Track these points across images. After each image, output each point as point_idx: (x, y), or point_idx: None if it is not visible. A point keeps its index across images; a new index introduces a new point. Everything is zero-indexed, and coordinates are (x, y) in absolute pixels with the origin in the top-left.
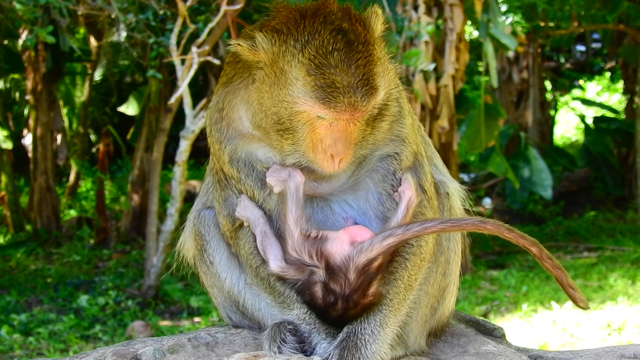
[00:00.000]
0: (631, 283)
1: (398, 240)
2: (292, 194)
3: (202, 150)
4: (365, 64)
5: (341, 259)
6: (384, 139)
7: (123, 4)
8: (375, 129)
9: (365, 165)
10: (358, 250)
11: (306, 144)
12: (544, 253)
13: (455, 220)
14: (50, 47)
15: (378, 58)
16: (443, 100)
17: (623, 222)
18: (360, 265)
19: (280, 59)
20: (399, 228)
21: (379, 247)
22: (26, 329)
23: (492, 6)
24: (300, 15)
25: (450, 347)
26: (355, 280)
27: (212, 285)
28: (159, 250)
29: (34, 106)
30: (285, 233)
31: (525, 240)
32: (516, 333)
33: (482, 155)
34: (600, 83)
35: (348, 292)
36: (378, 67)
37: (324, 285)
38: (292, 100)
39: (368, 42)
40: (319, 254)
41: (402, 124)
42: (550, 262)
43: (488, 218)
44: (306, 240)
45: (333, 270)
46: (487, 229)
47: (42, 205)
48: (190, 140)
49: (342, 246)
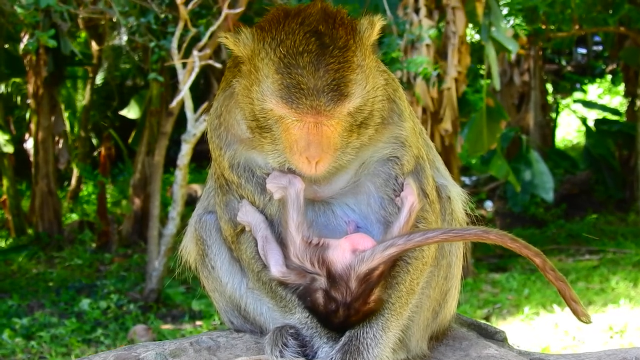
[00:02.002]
0: (633, 286)
1: (399, 250)
2: (293, 201)
3: (203, 154)
4: (338, 69)
5: (342, 267)
6: (382, 142)
7: (124, 7)
8: (361, 136)
9: (365, 169)
10: (359, 260)
11: (283, 145)
12: (548, 264)
13: (458, 230)
14: (51, 51)
15: (358, 65)
16: (446, 103)
17: (625, 224)
18: (361, 274)
19: (257, 56)
20: (400, 238)
21: (380, 257)
22: (28, 333)
23: (493, 9)
24: (283, 15)
25: (452, 351)
26: (356, 289)
27: (214, 290)
28: (161, 254)
29: (36, 110)
30: (287, 239)
31: (529, 250)
32: (518, 336)
33: (484, 158)
34: (602, 85)
35: (349, 300)
36: (354, 75)
37: (325, 293)
38: (261, 97)
39: (347, 48)
40: (321, 261)
41: (402, 127)
42: (553, 273)
43: (491, 227)
44: (308, 247)
45: (334, 278)
46: (490, 239)
47: (43, 209)
48: (192, 144)
49: (343, 254)
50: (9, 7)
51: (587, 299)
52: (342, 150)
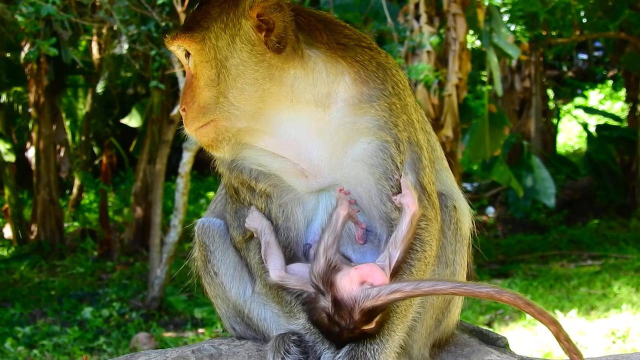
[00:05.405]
0: (635, 291)
1: (406, 297)
2: (333, 223)
3: (205, 162)
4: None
5: (348, 297)
6: (366, 126)
7: (125, 15)
8: (226, 95)
9: (350, 154)
10: (365, 295)
11: None
12: (562, 334)
13: (470, 285)
14: (52, 59)
15: (220, 25)
16: (447, 109)
17: (626, 230)
18: (365, 309)
19: None
20: (409, 284)
21: (385, 299)
22: (30, 342)
23: (494, 15)
24: None
25: (453, 357)
26: (359, 319)
27: (216, 296)
28: (163, 262)
29: (37, 119)
30: (312, 258)
31: (544, 317)
32: (520, 342)
33: (485, 164)
34: (603, 91)
35: (352, 327)
36: (213, 25)
37: (329, 317)
38: None
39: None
40: (329, 283)
41: (393, 113)
42: (567, 344)
43: (506, 288)
44: (328, 268)
45: (339, 305)
46: (503, 300)
47: (45, 218)
48: (193, 152)
49: (351, 285)
50: (9, 16)
51: (589, 305)
52: (210, 105)
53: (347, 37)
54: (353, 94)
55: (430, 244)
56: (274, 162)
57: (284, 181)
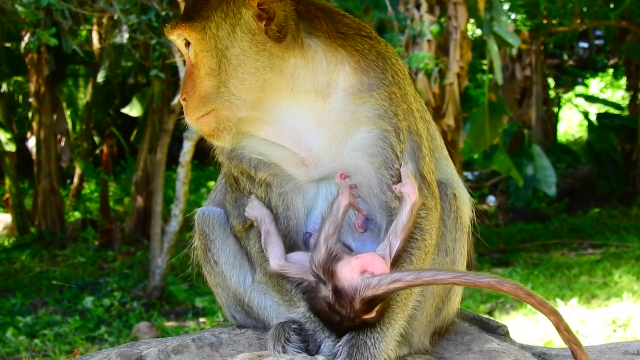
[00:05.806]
0: (636, 279)
1: (406, 286)
2: (334, 212)
3: (205, 151)
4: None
5: (348, 287)
6: (363, 115)
7: (125, 5)
8: (227, 84)
9: (350, 143)
10: (366, 284)
11: None
12: (562, 324)
13: (470, 275)
14: (52, 49)
15: (220, 14)
16: (448, 98)
17: (627, 218)
18: (366, 298)
19: None
20: (410, 273)
21: (386, 288)
22: (32, 331)
23: (495, 4)
24: None
25: (453, 346)
26: (360, 308)
27: (217, 285)
28: (164, 251)
29: (37, 109)
30: (313, 247)
31: (544, 307)
32: (521, 330)
33: (486, 153)
34: (604, 80)
35: (353, 316)
36: (214, 15)
37: (330, 306)
38: None
39: None
40: (330, 273)
41: (393, 102)
42: (567, 334)
43: (506, 278)
44: (328, 258)
45: (339, 294)
46: (503, 290)
47: (46, 208)
48: (194, 141)
49: (351, 274)
50: (10, 5)
51: (590, 293)
52: (212, 95)
53: (347, 25)
54: (353, 83)
55: (431, 233)
56: (274, 151)
57: (284, 170)
